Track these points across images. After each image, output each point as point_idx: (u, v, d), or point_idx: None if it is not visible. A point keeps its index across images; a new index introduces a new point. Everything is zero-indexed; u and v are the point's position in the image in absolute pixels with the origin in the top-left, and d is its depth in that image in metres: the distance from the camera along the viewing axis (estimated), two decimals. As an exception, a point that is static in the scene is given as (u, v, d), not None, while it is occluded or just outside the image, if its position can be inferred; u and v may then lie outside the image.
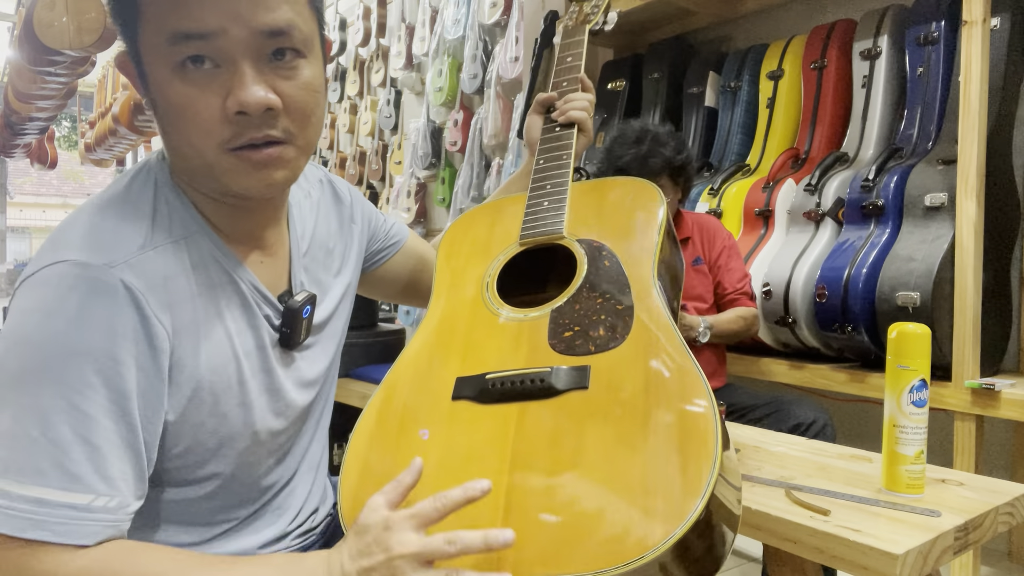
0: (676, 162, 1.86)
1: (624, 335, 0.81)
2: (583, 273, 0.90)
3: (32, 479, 0.60)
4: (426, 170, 4.01)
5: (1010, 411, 1.73)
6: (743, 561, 2.17)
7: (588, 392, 0.76)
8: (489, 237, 1.02)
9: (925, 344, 0.94)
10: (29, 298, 0.65)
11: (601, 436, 0.71)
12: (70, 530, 0.60)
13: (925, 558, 0.80)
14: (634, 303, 0.84)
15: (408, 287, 1.09)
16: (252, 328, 0.77)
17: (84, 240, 0.67)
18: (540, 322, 0.85)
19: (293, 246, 0.84)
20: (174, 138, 0.70)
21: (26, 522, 0.59)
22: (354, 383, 2.31)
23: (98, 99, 6.08)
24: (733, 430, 1.29)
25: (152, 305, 0.67)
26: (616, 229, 0.96)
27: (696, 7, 2.70)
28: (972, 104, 1.78)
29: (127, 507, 0.65)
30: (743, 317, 1.92)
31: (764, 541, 0.90)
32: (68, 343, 0.63)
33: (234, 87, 0.65)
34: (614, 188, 1.05)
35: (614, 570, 0.61)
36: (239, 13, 0.65)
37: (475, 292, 0.94)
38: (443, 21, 3.74)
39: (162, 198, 0.73)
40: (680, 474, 0.66)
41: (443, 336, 0.89)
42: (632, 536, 0.63)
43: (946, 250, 1.82)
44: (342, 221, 0.94)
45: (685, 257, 1.96)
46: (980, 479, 1.01)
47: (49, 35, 2.75)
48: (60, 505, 0.60)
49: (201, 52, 0.65)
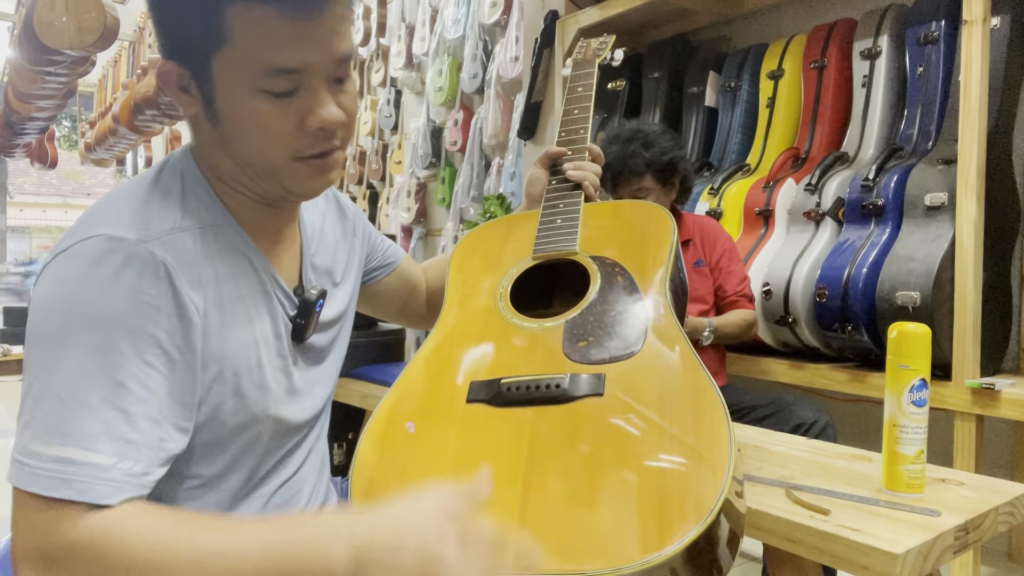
0: (659, 163, 1.88)
1: (638, 346, 0.82)
2: (597, 286, 0.92)
3: (60, 439, 0.62)
4: (426, 170, 4.01)
5: (1010, 411, 1.73)
6: (743, 561, 2.17)
7: (603, 399, 0.77)
8: (501, 250, 1.05)
9: (925, 344, 0.94)
10: (62, 269, 0.68)
11: (616, 440, 0.73)
12: (95, 489, 0.61)
13: (925, 558, 0.80)
14: (647, 316, 0.87)
15: (399, 307, 1.14)
16: (271, 315, 0.80)
17: (117, 218, 0.70)
18: (554, 332, 0.87)
19: (304, 245, 0.88)
20: (240, 147, 0.74)
21: (54, 481, 0.61)
22: (354, 383, 2.31)
23: (98, 99, 6.08)
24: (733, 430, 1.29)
25: (183, 281, 0.70)
26: (628, 248, 0.99)
27: (696, 7, 2.70)
28: (972, 104, 1.78)
29: (150, 474, 0.66)
30: (744, 320, 1.94)
31: (764, 541, 0.90)
32: (99, 310, 0.65)
33: (315, 107, 0.72)
34: (626, 210, 1.09)
35: (630, 568, 0.62)
36: (325, 47, 0.71)
37: (488, 302, 0.96)
38: (443, 21, 3.74)
39: (190, 190, 0.77)
40: (695, 477, 0.67)
41: (456, 342, 0.91)
42: (649, 535, 0.64)
43: (946, 250, 1.82)
44: (345, 232, 0.98)
45: (686, 259, 1.97)
46: (980, 479, 1.01)
47: (49, 35, 2.75)
48: (85, 464, 0.62)
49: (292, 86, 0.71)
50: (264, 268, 0.80)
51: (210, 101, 0.73)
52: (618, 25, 2.91)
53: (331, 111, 0.72)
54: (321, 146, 0.74)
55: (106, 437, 0.63)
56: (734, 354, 2.27)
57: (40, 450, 0.62)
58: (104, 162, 6.65)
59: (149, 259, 0.68)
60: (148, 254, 0.68)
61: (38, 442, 0.62)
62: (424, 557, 0.57)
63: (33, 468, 0.61)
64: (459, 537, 0.59)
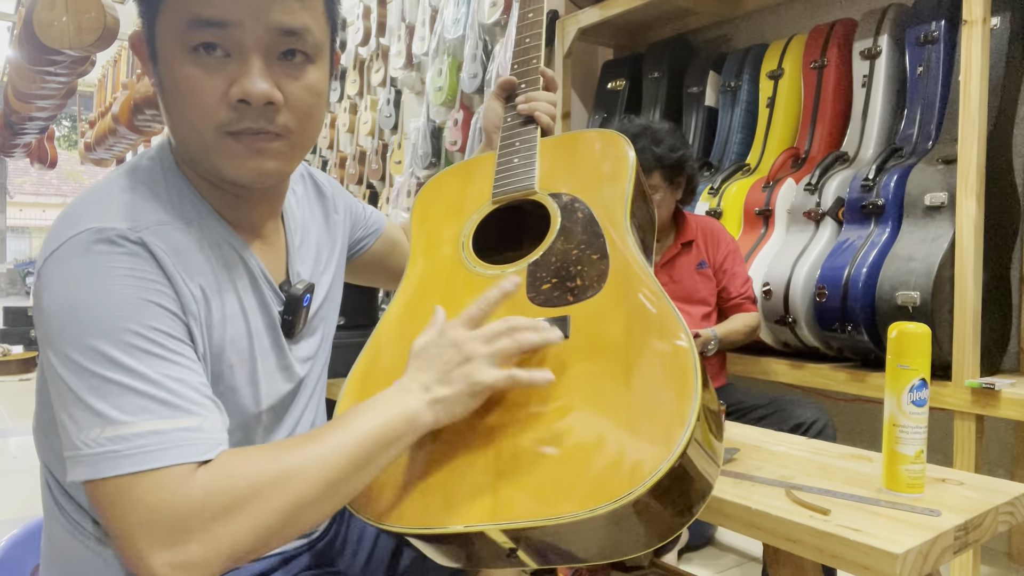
0: (668, 160, 1.86)
1: (601, 283, 0.81)
2: (557, 226, 0.91)
3: (141, 417, 0.62)
4: (426, 169, 4.01)
5: (1010, 411, 1.73)
6: (743, 561, 2.17)
7: (570, 342, 0.77)
8: (461, 197, 1.02)
9: (925, 344, 0.94)
10: (60, 270, 0.67)
11: (585, 382, 0.73)
12: (190, 448, 0.62)
13: (925, 558, 0.80)
14: (608, 251, 0.85)
15: (389, 271, 1.13)
16: (262, 306, 0.80)
17: (102, 210, 0.69)
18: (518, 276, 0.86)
19: (289, 239, 0.87)
20: (176, 118, 0.73)
21: (150, 454, 0.61)
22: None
23: (98, 99, 6.08)
24: (733, 430, 1.29)
25: (179, 269, 0.70)
26: (587, 180, 0.96)
27: (696, 7, 2.70)
28: (972, 104, 1.78)
29: (224, 429, 0.67)
30: (747, 325, 1.94)
31: (764, 541, 0.90)
32: (114, 297, 0.65)
33: (240, 76, 0.69)
34: (582, 141, 1.04)
35: (606, 506, 0.62)
36: (258, 9, 0.68)
37: (452, 252, 0.94)
38: (443, 21, 3.74)
39: (170, 183, 0.76)
40: (664, 409, 0.67)
41: (423, 297, 0.90)
42: (621, 471, 0.64)
43: (946, 250, 1.82)
44: (327, 213, 0.97)
45: (690, 261, 1.97)
46: (980, 478, 1.01)
47: (49, 35, 2.75)
48: (176, 430, 0.62)
49: (215, 40, 0.68)
50: (253, 261, 0.79)
51: (155, 68, 0.73)
52: (618, 25, 2.91)
53: (256, 84, 0.69)
54: (248, 122, 0.70)
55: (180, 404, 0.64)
56: (734, 354, 2.27)
57: (120, 432, 0.61)
58: (104, 162, 6.65)
59: (142, 246, 0.68)
60: (140, 241, 0.68)
61: (114, 427, 0.61)
62: (467, 369, 0.71)
63: (123, 452, 0.61)
64: (476, 334, 0.73)
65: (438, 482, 0.71)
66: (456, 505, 0.68)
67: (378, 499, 0.72)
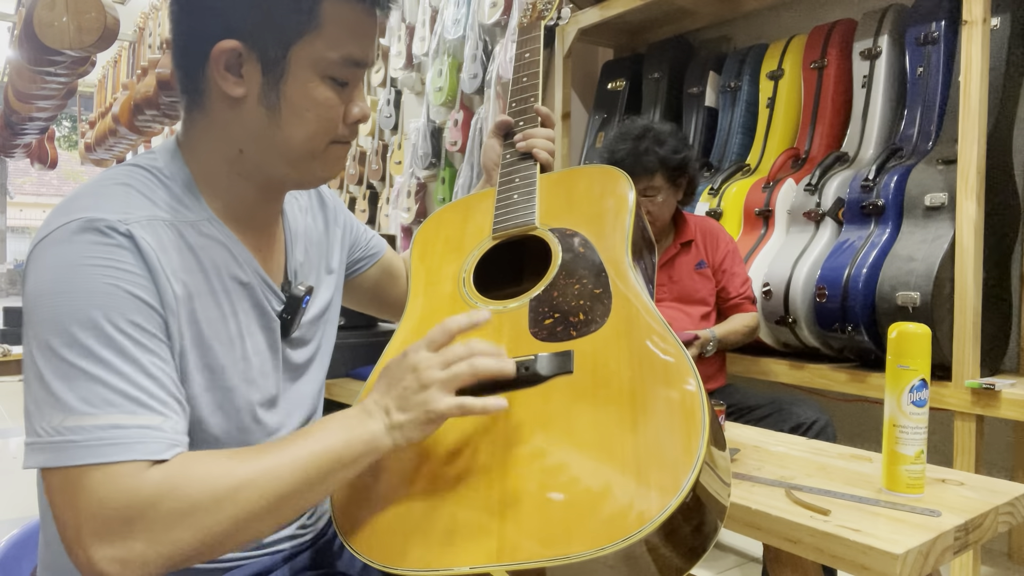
0: (672, 161, 1.86)
1: (604, 317, 0.81)
2: (558, 261, 0.91)
3: (104, 409, 0.63)
4: (426, 170, 4.01)
5: (1010, 411, 1.73)
6: (743, 561, 2.17)
7: (573, 376, 0.76)
8: (462, 234, 1.03)
9: (925, 344, 0.94)
10: (46, 256, 0.68)
11: (589, 418, 0.72)
12: (148, 447, 0.63)
13: (925, 558, 0.80)
14: (611, 285, 0.85)
15: (382, 301, 1.13)
16: (256, 307, 0.80)
17: (95, 203, 0.71)
18: (520, 312, 0.86)
19: (288, 241, 0.88)
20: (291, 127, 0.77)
21: (107, 447, 0.62)
22: (354, 383, 2.32)
23: (98, 99, 6.09)
24: (733, 430, 1.29)
25: (163, 263, 0.71)
26: (587, 215, 0.97)
27: (696, 7, 2.70)
28: (972, 104, 1.78)
29: (185, 431, 0.68)
30: (746, 325, 1.94)
31: (764, 541, 0.90)
32: (95, 285, 0.66)
33: (357, 100, 0.80)
34: (582, 177, 1.05)
35: (613, 547, 0.61)
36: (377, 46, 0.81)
37: (452, 288, 0.94)
38: (443, 21, 3.74)
39: (173, 183, 0.77)
40: (671, 449, 0.67)
41: (422, 332, 0.89)
42: (628, 512, 0.63)
43: (946, 250, 1.82)
44: (327, 223, 0.98)
45: (689, 261, 1.97)
46: (980, 479, 1.01)
47: (49, 35, 2.76)
48: (135, 426, 0.63)
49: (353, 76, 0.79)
50: (249, 262, 0.80)
51: (274, 84, 0.75)
52: (618, 25, 2.91)
53: (365, 106, 0.81)
54: (351, 134, 0.82)
55: (144, 400, 0.64)
56: (734, 354, 2.27)
57: (81, 423, 0.62)
58: (104, 162, 6.65)
59: (129, 238, 0.69)
60: (128, 233, 0.69)
61: (75, 417, 0.62)
62: (422, 397, 0.71)
63: (81, 442, 0.61)
64: (434, 360, 0.73)
65: (441, 523, 0.69)
66: (460, 546, 0.67)
67: (381, 540, 0.70)
